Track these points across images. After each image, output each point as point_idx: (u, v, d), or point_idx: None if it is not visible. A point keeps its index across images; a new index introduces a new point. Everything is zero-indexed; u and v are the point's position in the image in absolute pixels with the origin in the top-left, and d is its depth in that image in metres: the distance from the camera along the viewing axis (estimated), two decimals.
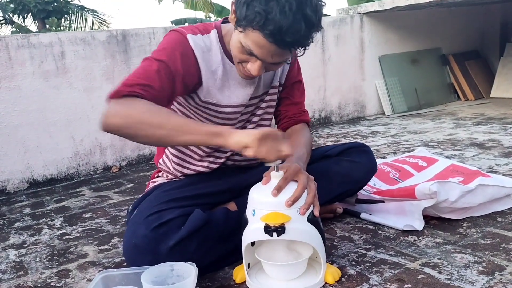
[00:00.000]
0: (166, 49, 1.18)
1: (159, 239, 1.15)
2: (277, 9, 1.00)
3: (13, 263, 1.48)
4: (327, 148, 1.50)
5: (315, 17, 1.05)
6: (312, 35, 1.08)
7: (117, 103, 1.09)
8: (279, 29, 1.01)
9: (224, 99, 1.28)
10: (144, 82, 1.11)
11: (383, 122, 3.69)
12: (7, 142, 2.44)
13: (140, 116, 1.06)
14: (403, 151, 2.54)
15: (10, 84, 2.43)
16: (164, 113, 1.08)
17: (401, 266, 1.20)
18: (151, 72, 1.13)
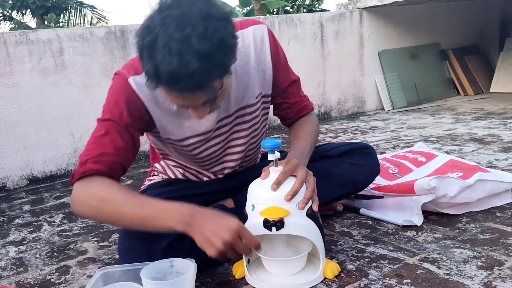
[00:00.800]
0: (110, 102, 1.11)
1: (153, 240, 1.14)
2: (161, 59, 0.88)
3: (13, 259, 1.49)
4: (329, 147, 1.45)
5: (210, 44, 0.88)
6: (220, 61, 0.91)
7: (78, 188, 1.09)
8: (174, 79, 0.89)
9: (186, 131, 1.19)
10: (95, 153, 1.08)
11: (382, 117, 3.68)
12: (6, 139, 2.44)
13: (101, 208, 1.05)
14: (402, 146, 2.54)
15: (9, 81, 2.42)
16: (121, 202, 1.04)
17: (400, 261, 1.20)
18: (100, 139, 1.09)
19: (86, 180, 1.08)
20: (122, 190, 1.06)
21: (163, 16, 0.89)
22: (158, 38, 0.88)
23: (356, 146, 1.43)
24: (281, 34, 3.45)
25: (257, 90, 1.24)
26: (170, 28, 0.87)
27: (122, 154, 1.10)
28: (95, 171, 1.07)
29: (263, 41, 1.20)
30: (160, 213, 1.03)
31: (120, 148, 1.09)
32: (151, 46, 0.89)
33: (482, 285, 1.04)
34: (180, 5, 0.90)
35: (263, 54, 1.21)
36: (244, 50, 1.18)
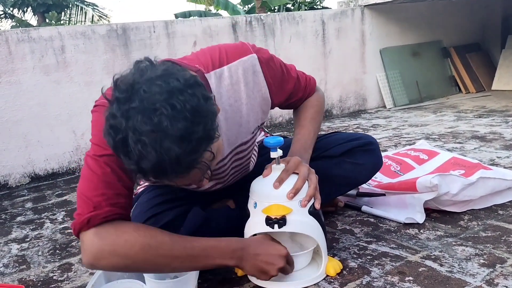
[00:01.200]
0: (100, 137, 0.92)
1: None
2: (139, 155, 0.79)
3: (15, 257, 1.49)
4: (330, 143, 1.37)
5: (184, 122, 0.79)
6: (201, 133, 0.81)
7: (100, 236, 0.92)
8: (160, 171, 0.82)
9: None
10: (110, 194, 0.94)
11: (384, 115, 3.68)
12: (8, 137, 2.44)
13: (145, 255, 0.94)
14: (404, 144, 2.54)
15: (11, 79, 2.43)
16: (170, 245, 0.96)
17: (402, 258, 1.20)
18: (107, 176, 0.94)
19: (111, 225, 0.93)
20: (164, 232, 0.98)
21: (124, 109, 0.79)
22: (128, 136, 0.79)
23: (357, 144, 1.36)
24: (283, 32, 3.45)
25: (252, 125, 1.16)
26: (136, 121, 0.78)
27: (131, 193, 1.00)
28: (117, 215, 0.94)
29: (255, 73, 1.10)
30: (212, 251, 1.00)
31: (129, 187, 0.98)
32: (124, 145, 0.80)
33: (484, 283, 1.05)
34: (137, 93, 0.80)
35: (257, 87, 1.11)
36: (233, 87, 1.08)
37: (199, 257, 0.99)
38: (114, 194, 0.94)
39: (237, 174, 1.28)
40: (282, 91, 1.21)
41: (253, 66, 1.10)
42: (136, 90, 0.80)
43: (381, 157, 1.41)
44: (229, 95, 1.08)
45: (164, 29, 2.91)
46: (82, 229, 0.93)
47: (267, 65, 1.13)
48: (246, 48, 1.11)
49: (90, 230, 0.92)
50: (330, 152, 1.34)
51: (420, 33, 4.24)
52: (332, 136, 1.42)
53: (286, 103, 1.28)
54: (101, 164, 0.95)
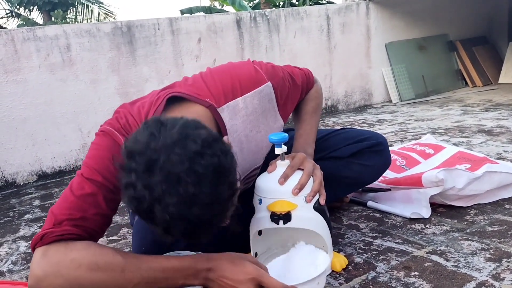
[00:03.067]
0: (97, 162, 0.95)
1: (169, 243, 1.14)
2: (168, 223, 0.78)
3: (23, 254, 1.50)
4: (337, 143, 1.35)
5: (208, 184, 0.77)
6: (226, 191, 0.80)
7: (48, 255, 0.85)
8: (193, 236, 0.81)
9: None
10: (76, 215, 0.89)
11: (390, 110, 3.67)
12: (16, 135, 2.46)
13: (92, 276, 0.85)
14: (410, 139, 2.53)
15: (17, 78, 2.44)
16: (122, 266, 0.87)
17: (408, 254, 1.20)
18: (85, 198, 0.91)
19: (62, 244, 0.86)
20: (117, 251, 0.90)
21: (146, 182, 0.76)
22: (155, 208, 0.76)
23: (366, 144, 1.33)
24: (287, 27, 3.44)
25: (265, 151, 1.17)
26: (161, 193, 0.76)
27: (103, 221, 0.95)
28: (74, 235, 0.88)
29: (270, 101, 1.11)
30: (172, 273, 0.90)
31: (103, 215, 0.94)
32: (150, 215, 0.78)
33: (491, 277, 1.04)
34: (155, 163, 0.76)
35: (270, 112, 1.12)
36: (249, 117, 1.08)
37: (158, 279, 0.89)
38: (82, 217, 0.90)
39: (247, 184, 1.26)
40: (291, 105, 1.22)
41: (269, 94, 1.10)
42: (154, 160, 0.76)
43: (389, 157, 1.39)
44: (245, 126, 1.08)
45: (169, 26, 2.91)
46: (36, 245, 0.87)
47: (280, 90, 1.13)
48: (260, 78, 1.09)
49: (41, 247, 0.86)
50: (339, 153, 1.32)
51: (426, 26, 4.22)
52: (340, 134, 1.39)
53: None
54: (84, 185, 0.92)
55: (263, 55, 3.33)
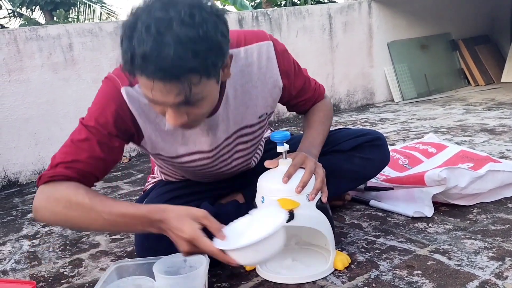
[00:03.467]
0: (97, 108, 1.03)
1: None
2: (138, 38, 0.82)
3: (26, 253, 1.51)
4: (339, 138, 1.39)
5: (193, 32, 0.81)
6: (201, 53, 0.82)
7: (43, 192, 1.01)
8: (146, 59, 0.82)
9: (179, 148, 1.14)
10: (68, 158, 1.00)
11: (392, 109, 3.66)
12: (18, 135, 2.47)
13: (67, 213, 0.98)
14: (412, 138, 2.53)
15: (20, 77, 2.45)
16: (89, 207, 0.97)
17: (411, 252, 1.20)
18: (79, 143, 1.01)
19: (52, 184, 1.00)
20: (88, 193, 0.99)
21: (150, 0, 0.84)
22: (140, 19, 0.82)
23: (365, 139, 1.38)
24: (289, 27, 3.44)
25: (260, 111, 1.17)
26: (154, 9, 0.82)
27: (98, 164, 1.03)
28: (64, 177, 1.00)
29: (269, 59, 1.12)
30: (130, 220, 0.98)
31: (97, 158, 1.02)
32: (131, 27, 0.83)
33: (494, 276, 1.04)
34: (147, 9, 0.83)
35: (269, 73, 1.14)
36: (246, 68, 1.10)
37: (118, 223, 0.99)
38: (74, 160, 1.00)
39: (241, 162, 1.28)
40: (293, 85, 1.22)
41: (268, 52, 1.12)
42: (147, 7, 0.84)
43: (388, 153, 1.43)
44: (242, 76, 1.11)
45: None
46: (38, 185, 1.03)
47: (282, 54, 1.15)
48: (264, 35, 1.14)
49: (40, 186, 1.02)
50: (340, 147, 1.36)
51: (428, 25, 4.21)
52: (340, 132, 1.44)
53: (295, 101, 1.28)
54: (81, 131, 1.03)
55: None
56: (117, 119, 1.03)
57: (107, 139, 1.03)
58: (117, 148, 1.07)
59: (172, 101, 0.87)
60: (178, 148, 1.14)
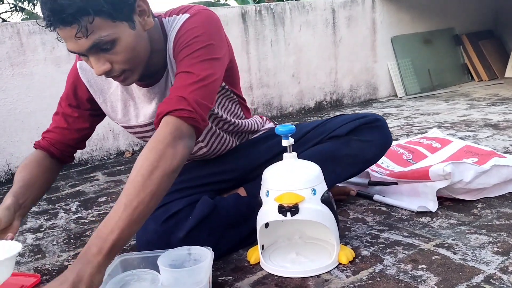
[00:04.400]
0: (65, 85, 1.25)
1: (170, 232, 1.15)
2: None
3: (31, 246, 1.51)
4: (336, 123, 1.35)
5: None
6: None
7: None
8: (47, 12, 0.91)
9: (131, 119, 1.23)
10: (46, 130, 1.27)
11: (395, 104, 3.65)
12: (22, 129, 2.47)
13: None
14: (416, 133, 2.52)
15: (23, 71, 2.44)
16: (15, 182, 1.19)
17: (415, 247, 1.20)
18: (53, 117, 1.27)
19: (33, 152, 1.26)
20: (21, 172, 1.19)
21: None
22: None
23: (364, 121, 1.33)
24: (292, 21, 3.43)
25: None
26: None
27: (65, 133, 1.24)
28: (38, 146, 1.24)
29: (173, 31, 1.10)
30: None
31: (62, 128, 1.24)
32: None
33: (498, 270, 1.04)
34: None
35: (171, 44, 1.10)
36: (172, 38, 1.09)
37: None
38: (47, 131, 1.26)
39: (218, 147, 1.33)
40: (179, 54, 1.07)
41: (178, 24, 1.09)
42: None
43: (389, 134, 1.38)
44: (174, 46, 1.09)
45: None
46: None
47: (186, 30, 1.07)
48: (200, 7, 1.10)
49: None
50: (337, 132, 1.32)
51: (432, 20, 4.19)
52: (336, 118, 1.40)
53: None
54: (57, 107, 1.26)
55: (268, 49, 3.32)
56: (77, 90, 1.22)
57: (69, 111, 1.23)
58: (79, 118, 1.24)
59: (83, 48, 0.95)
60: (133, 118, 1.23)
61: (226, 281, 1.13)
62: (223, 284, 1.12)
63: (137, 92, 1.18)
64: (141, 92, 1.17)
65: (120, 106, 1.22)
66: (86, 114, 1.25)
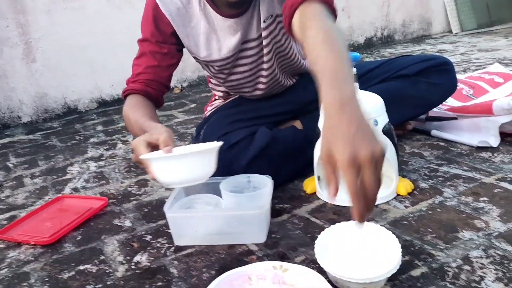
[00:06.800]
0: (142, 21, 1.19)
1: (232, 160, 1.18)
2: None
3: (94, 173, 1.59)
4: (404, 62, 1.36)
5: None
6: None
7: (124, 105, 1.18)
8: None
9: (213, 53, 1.21)
10: (134, 74, 1.20)
11: (450, 40, 3.48)
12: (76, 63, 2.53)
13: (127, 125, 1.14)
14: (473, 69, 2.41)
15: (74, 5, 2.46)
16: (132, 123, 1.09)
17: (476, 180, 1.18)
18: (137, 60, 1.21)
19: (128, 98, 1.19)
20: (136, 111, 1.12)
21: None
22: None
23: (433, 63, 1.33)
24: None
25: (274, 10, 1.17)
26: None
27: (157, 72, 1.19)
28: (133, 90, 1.18)
29: None
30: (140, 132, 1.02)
31: (153, 66, 1.18)
32: None
33: None
34: None
35: None
36: None
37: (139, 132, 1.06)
38: (137, 73, 1.19)
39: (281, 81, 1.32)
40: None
41: None
42: None
43: (456, 79, 1.39)
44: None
45: None
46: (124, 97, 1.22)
47: None
48: None
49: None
50: (405, 71, 1.31)
51: None
52: (403, 58, 1.40)
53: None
54: (139, 50, 1.21)
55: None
56: (159, 24, 1.16)
57: (157, 48, 1.18)
58: (167, 54, 1.20)
59: None
60: (213, 53, 1.21)
61: (284, 209, 1.16)
62: (281, 210, 1.15)
63: (221, 24, 1.17)
64: (226, 24, 1.16)
65: (202, 40, 1.19)
66: (173, 49, 1.20)
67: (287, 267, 0.81)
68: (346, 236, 0.89)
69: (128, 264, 0.99)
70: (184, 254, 1.00)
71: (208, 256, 0.98)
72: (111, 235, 1.13)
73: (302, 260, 0.92)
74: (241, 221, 1.00)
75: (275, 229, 1.06)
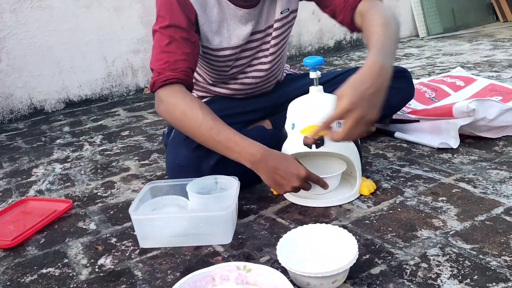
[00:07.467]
0: (164, 7, 1.12)
1: (201, 158, 1.18)
2: None
3: (59, 175, 1.57)
4: None
5: None
6: None
7: (162, 95, 1.11)
8: None
9: (223, 41, 1.22)
10: (171, 62, 1.10)
11: (417, 44, 3.57)
12: (42, 63, 2.48)
13: (182, 120, 1.09)
14: (438, 73, 2.48)
15: (42, 4, 2.42)
16: (200, 122, 1.06)
17: (436, 181, 1.22)
18: (168, 47, 1.11)
19: (169, 88, 1.10)
20: (202, 108, 1.08)
21: None
22: None
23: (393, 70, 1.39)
24: None
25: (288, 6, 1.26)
26: None
27: (191, 59, 1.13)
28: (175, 79, 1.10)
29: None
30: (233, 145, 1.05)
31: (188, 53, 1.11)
32: None
33: None
34: None
35: None
36: None
37: (220, 144, 1.06)
38: (174, 61, 1.10)
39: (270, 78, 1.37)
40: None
41: None
42: None
43: (413, 86, 1.49)
44: None
45: None
46: (152, 89, 1.13)
47: None
48: None
49: (157, 91, 1.12)
50: None
51: None
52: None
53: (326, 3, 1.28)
54: (163, 35, 1.11)
55: None
56: (185, 10, 1.12)
57: (186, 34, 1.12)
58: (196, 42, 1.15)
59: None
60: (223, 41, 1.21)
61: (251, 209, 1.17)
62: (248, 211, 1.16)
63: (235, 13, 1.20)
64: (240, 13, 1.20)
65: (214, 28, 1.20)
66: (197, 37, 1.17)
67: (251, 267, 0.82)
68: (307, 237, 0.92)
69: (92, 267, 0.98)
70: (149, 257, 1.00)
71: (173, 258, 0.98)
72: (75, 238, 1.12)
73: (266, 260, 0.94)
74: (207, 223, 1.01)
75: (241, 230, 1.07)
